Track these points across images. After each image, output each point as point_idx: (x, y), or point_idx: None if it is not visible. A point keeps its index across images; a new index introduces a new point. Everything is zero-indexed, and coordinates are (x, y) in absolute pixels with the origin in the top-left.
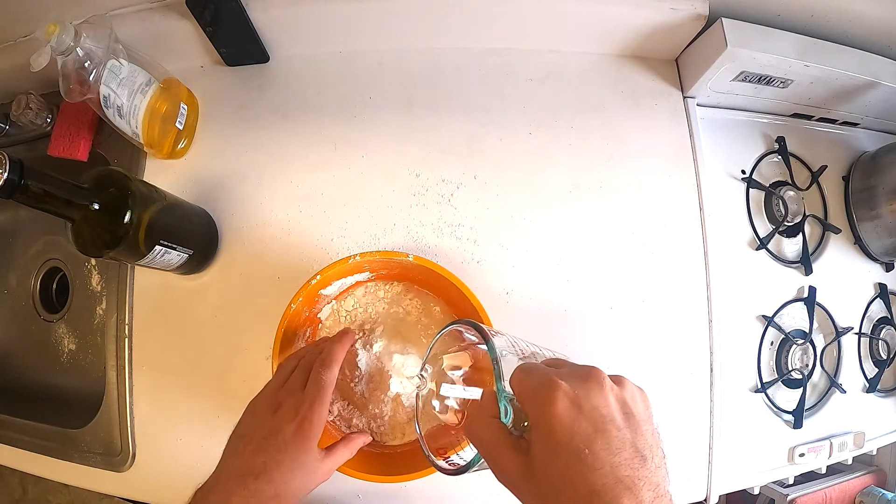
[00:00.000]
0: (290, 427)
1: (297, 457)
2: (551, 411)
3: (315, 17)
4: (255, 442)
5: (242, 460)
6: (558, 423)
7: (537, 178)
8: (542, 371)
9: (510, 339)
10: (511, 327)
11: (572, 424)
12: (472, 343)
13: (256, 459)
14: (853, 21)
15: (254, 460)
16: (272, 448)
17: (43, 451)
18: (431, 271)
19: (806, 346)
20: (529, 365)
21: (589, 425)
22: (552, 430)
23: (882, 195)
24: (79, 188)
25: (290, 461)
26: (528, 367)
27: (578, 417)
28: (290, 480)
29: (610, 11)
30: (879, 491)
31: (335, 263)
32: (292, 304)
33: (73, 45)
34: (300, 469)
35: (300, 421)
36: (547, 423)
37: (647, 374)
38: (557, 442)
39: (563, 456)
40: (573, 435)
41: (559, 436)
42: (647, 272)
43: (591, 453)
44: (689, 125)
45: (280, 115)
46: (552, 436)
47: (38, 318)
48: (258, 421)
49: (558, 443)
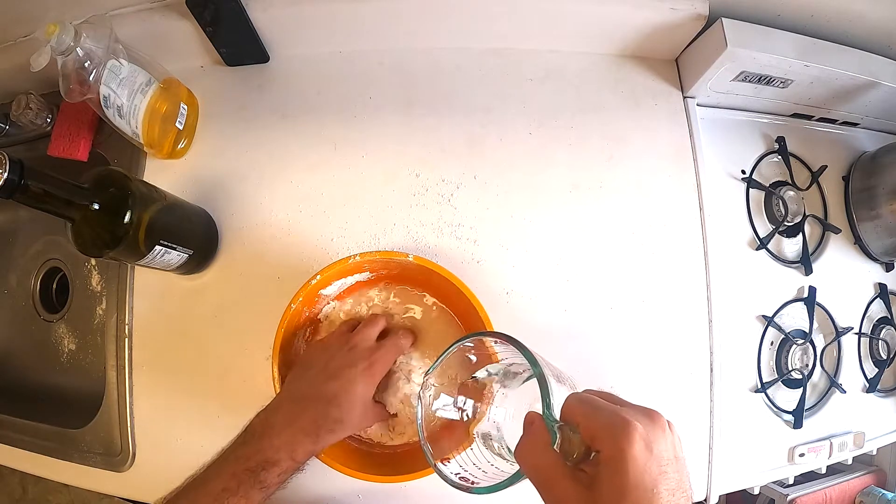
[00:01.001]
0: (363, 364)
1: (365, 391)
2: (628, 451)
3: (315, 17)
4: (327, 371)
5: (312, 386)
6: (633, 464)
7: (537, 178)
8: (613, 408)
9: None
10: (511, 327)
11: (645, 466)
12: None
13: (329, 385)
14: (853, 21)
15: (326, 386)
16: (344, 378)
17: (43, 451)
18: (431, 271)
19: (806, 346)
20: (589, 397)
21: (657, 467)
22: (626, 469)
23: (882, 195)
24: (79, 188)
25: (358, 392)
26: (590, 399)
27: (650, 459)
28: (354, 409)
29: (610, 11)
30: (879, 491)
31: (335, 263)
32: (292, 304)
33: (73, 45)
34: (362, 403)
35: (373, 361)
36: (623, 462)
37: (647, 374)
38: (629, 481)
39: (633, 495)
40: (644, 476)
41: (632, 476)
42: (647, 272)
43: (656, 494)
44: (689, 125)
45: (280, 115)
46: (626, 475)
47: (38, 318)
48: (330, 354)
49: (631, 482)
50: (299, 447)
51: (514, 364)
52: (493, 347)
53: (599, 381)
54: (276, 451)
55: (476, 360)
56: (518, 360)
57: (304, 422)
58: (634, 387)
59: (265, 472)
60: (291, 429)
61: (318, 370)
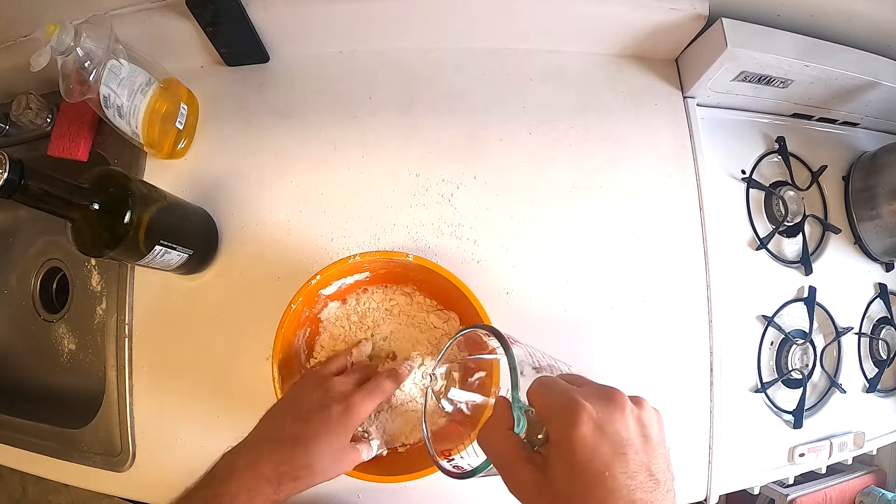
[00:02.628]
0: (337, 408)
1: (337, 437)
2: (575, 432)
3: (315, 17)
4: (297, 413)
5: (280, 428)
6: (581, 445)
7: (537, 178)
8: (565, 389)
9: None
10: (511, 328)
11: (595, 447)
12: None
13: (296, 427)
14: (853, 21)
15: (293, 428)
16: (315, 420)
17: (43, 451)
18: (431, 271)
19: (806, 346)
20: (549, 379)
21: (610, 448)
22: (574, 450)
23: (882, 195)
24: (79, 188)
25: (329, 437)
26: (549, 381)
27: (601, 440)
28: (323, 455)
29: (610, 11)
30: (879, 491)
31: (335, 263)
32: (292, 305)
33: (73, 45)
34: (335, 449)
35: (348, 405)
36: (569, 443)
37: (647, 374)
38: (578, 463)
39: (582, 477)
40: (594, 457)
41: (580, 457)
42: (647, 272)
43: (611, 476)
44: (689, 125)
45: (280, 115)
46: (573, 456)
47: (38, 318)
48: (305, 395)
49: (579, 464)
50: (259, 495)
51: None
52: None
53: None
54: (233, 497)
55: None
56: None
57: (266, 467)
58: (634, 387)
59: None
60: (252, 473)
61: (286, 412)
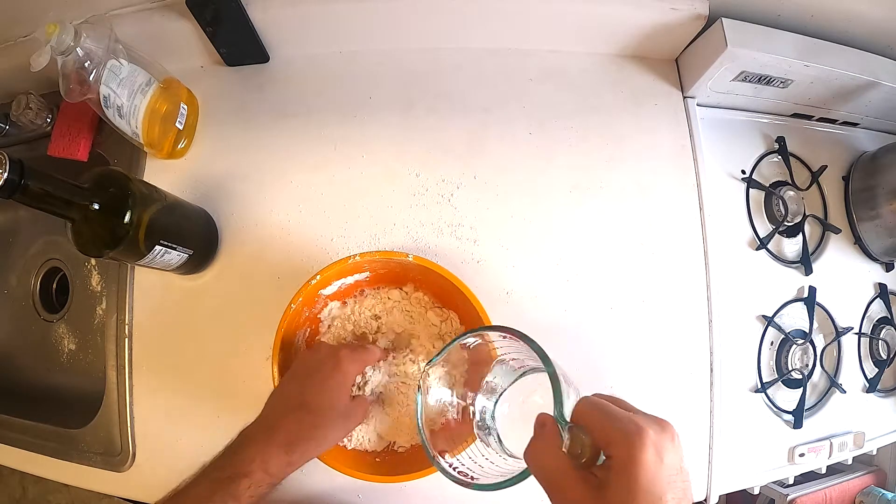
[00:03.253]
0: (328, 364)
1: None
2: (641, 457)
3: (315, 17)
4: (298, 380)
5: (286, 396)
6: (644, 470)
7: (537, 178)
8: (626, 413)
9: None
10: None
11: (655, 473)
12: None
13: (298, 392)
14: (853, 21)
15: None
16: (311, 381)
17: (43, 451)
18: (431, 271)
19: (806, 346)
20: (604, 403)
21: (665, 475)
22: (637, 475)
23: (882, 195)
24: (79, 188)
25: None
26: (602, 403)
27: (659, 467)
28: (327, 413)
29: (610, 11)
30: (879, 491)
31: (335, 263)
32: (292, 305)
33: (73, 45)
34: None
35: (339, 359)
36: (634, 467)
37: (647, 374)
38: (640, 487)
39: (642, 501)
40: (654, 483)
41: (643, 482)
42: (647, 272)
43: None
44: (689, 125)
45: (280, 115)
46: (636, 481)
47: (38, 318)
48: (302, 364)
49: (641, 488)
50: (273, 459)
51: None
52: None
53: (600, 380)
54: (249, 462)
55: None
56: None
57: (278, 433)
58: (634, 387)
59: (235, 484)
60: (266, 440)
61: (291, 380)
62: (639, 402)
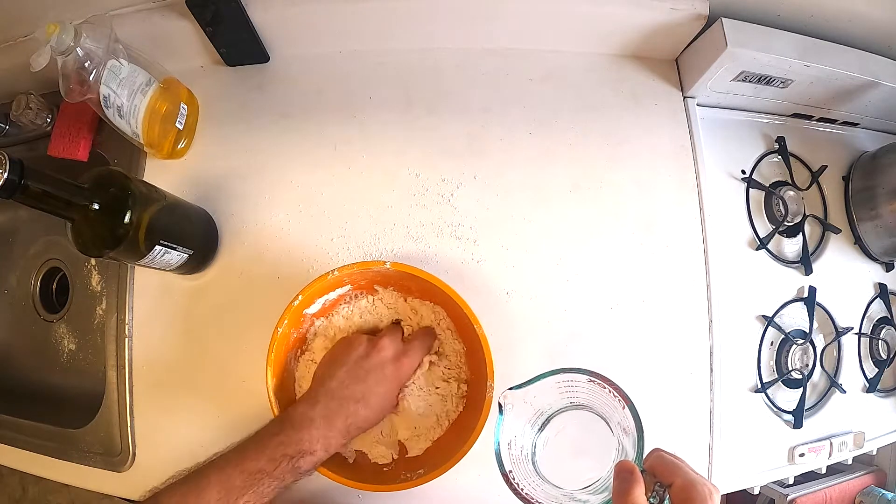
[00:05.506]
0: (391, 367)
1: (391, 391)
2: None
3: (315, 17)
4: (356, 374)
5: (344, 386)
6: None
7: (537, 178)
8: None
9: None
10: (511, 328)
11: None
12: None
13: (360, 387)
14: (853, 21)
15: (357, 387)
16: (372, 380)
17: (43, 451)
18: (412, 276)
19: (806, 346)
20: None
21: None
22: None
23: (882, 195)
24: (79, 188)
25: (385, 393)
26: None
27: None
28: (379, 409)
29: (610, 11)
30: (879, 491)
31: (315, 281)
32: (278, 328)
33: (73, 45)
34: (388, 400)
35: (400, 364)
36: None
37: (647, 374)
38: None
39: None
40: None
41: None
42: (647, 272)
43: None
44: (689, 125)
45: (280, 115)
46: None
47: (38, 318)
48: (360, 355)
49: None
50: (333, 441)
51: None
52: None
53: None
54: (314, 442)
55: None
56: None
57: (338, 419)
58: (635, 387)
59: (302, 459)
60: (328, 424)
61: (348, 370)
62: (639, 402)
